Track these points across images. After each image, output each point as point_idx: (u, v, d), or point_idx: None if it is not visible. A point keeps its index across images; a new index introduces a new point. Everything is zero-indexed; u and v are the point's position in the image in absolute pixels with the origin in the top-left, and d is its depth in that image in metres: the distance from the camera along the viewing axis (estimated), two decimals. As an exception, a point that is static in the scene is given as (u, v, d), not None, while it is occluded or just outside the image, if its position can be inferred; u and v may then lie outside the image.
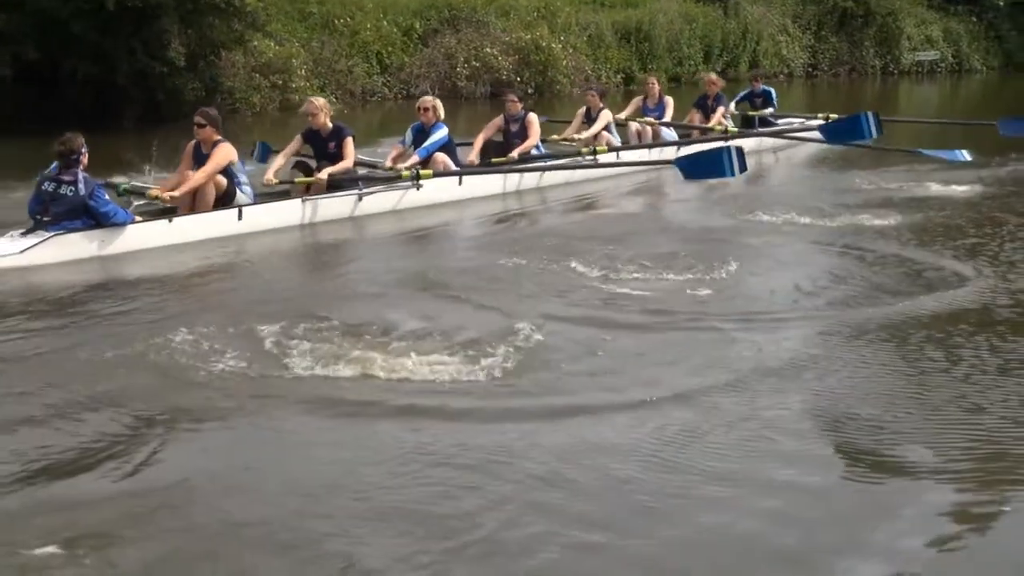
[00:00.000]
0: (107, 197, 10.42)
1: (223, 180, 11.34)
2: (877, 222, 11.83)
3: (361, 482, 5.30)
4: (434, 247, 11.55)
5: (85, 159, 10.29)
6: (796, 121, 19.80)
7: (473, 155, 14.35)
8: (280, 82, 26.59)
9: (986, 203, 13.30)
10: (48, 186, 10.24)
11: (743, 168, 11.35)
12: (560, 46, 32.83)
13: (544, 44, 32.13)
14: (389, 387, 6.47)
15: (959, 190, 13.97)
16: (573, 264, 9.58)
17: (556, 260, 9.76)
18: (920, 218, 12.12)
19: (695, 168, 11.84)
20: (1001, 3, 50.98)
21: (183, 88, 22.75)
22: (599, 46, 35.29)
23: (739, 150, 11.32)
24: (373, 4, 30.50)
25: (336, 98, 27.88)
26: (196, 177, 11.19)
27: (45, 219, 10.15)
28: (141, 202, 11.21)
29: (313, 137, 12.69)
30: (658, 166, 14.44)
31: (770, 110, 19.78)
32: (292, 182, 12.33)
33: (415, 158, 13.07)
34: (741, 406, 6.27)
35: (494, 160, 14.22)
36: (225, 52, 24.72)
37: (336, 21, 29.37)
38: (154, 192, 11.17)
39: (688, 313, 8.15)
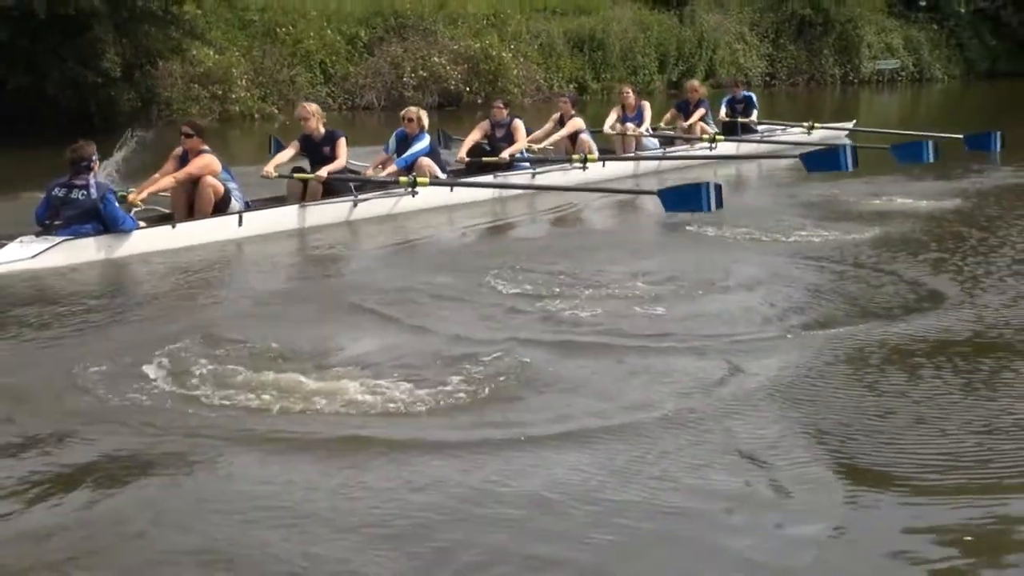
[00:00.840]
0: (117, 203, 11.09)
1: (220, 187, 12.01)
2: (840, 237, 11.96)
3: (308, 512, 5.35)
4: (417, 259, 11.85)
5: (96, 166, 11.11)
6: (779, 128, 20.66)
7: (462, 153, 15.50)
8: (220, 92, 26.61)
9: (949, 216, 13.50)
10: (59, 192, 10.94)
11: (719, 204, 12.22)
12: (510, 55, 33.01)
13: (494, 53, 32.31)
14: (326, 417, 6.41)
15: (924, 205, 14.18)
16: (538, 282, 9.67)
17: (520, 277, 9.87)
18: (885, 233, 12.25)
19: (676, 200, 12.55)
20: (962, 11, 51.65)
21: (118, 99, 22.74)
22: (551, 55, 35.46)
23: (718, 187, 12.26)
24: (316, 12, 30.55)
25: (278, 109, 27.91)
26: (163, 182, 11.92)
27: (56, 223, 10.81)
28: (139, 208, 11.78)
29: (307, 143, 13.46)
30: (640, 194, 14.88)
31: (753, 116, 20.43)
32: (291, 176, 13.21)
33: (393, 167, 13.84)
34: (703, 432, 6.32)
35: (484, 160, 15.27)
36: (162, 61, 24.71)
37: (278, 29, 29.42)
38: (131, 196, 11.67)
39: (649, 335, 8.20)
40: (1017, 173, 17.45)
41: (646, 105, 18.28)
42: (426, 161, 13.90)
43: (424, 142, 14.06)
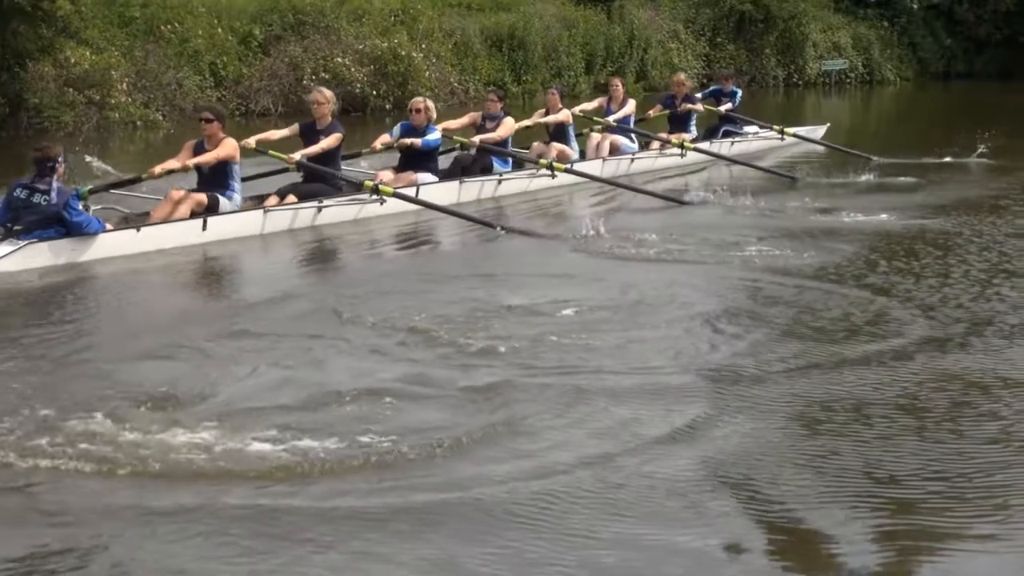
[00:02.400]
0: (80, 207, 11.79)
1: (205, 199, 13.10)
2: (787, 255, 12.13)
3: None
4: (349, 278, 12.34)
5: (61, 169, 11.72)
6: (752, 129, 22.37)
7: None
8: (97, 97, 26.35)
9: (905, 233, 13.68)
10: (21, 193, 11.58)
11: None
12: (422, 55, 33.01)
13: (403, 53, 32.30)
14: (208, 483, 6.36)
15: (875, 220, 14.37)
16: (455, 311, 9.75)
17: (441, 302, 10.04)
18: (833, 250, 12.43)
19: None
20: (915, 6, 52.37)
21: (-18, 104, 22.46)
22: (466, 55, 35.52)
23: None
24: (205, 8, 30.36)
25: (163, 116, 27.72)
26: (204, 158, 13.23)
27: (16, 227, 11.47)
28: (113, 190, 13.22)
29: (307, 130, 14.74)
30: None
31: (729, 105, 22.16)
32: (267, 152, 14.27)
33: (417, 141, 15.36)
34: (632, 472, 6.37)
35: (456, 138, 16.59)
36: (32, 63, 24.43)
37: (162, 27, 29.20)
38: (156, 170, 13.05)
39: (576, 370, 8.24)
40: (972, 185, 17.77)
41: (631, 103, 19.68)
42: (408, 176, 15.34)
43: (437, 134, 15.68)
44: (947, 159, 20.39)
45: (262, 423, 6.91)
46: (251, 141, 14.16)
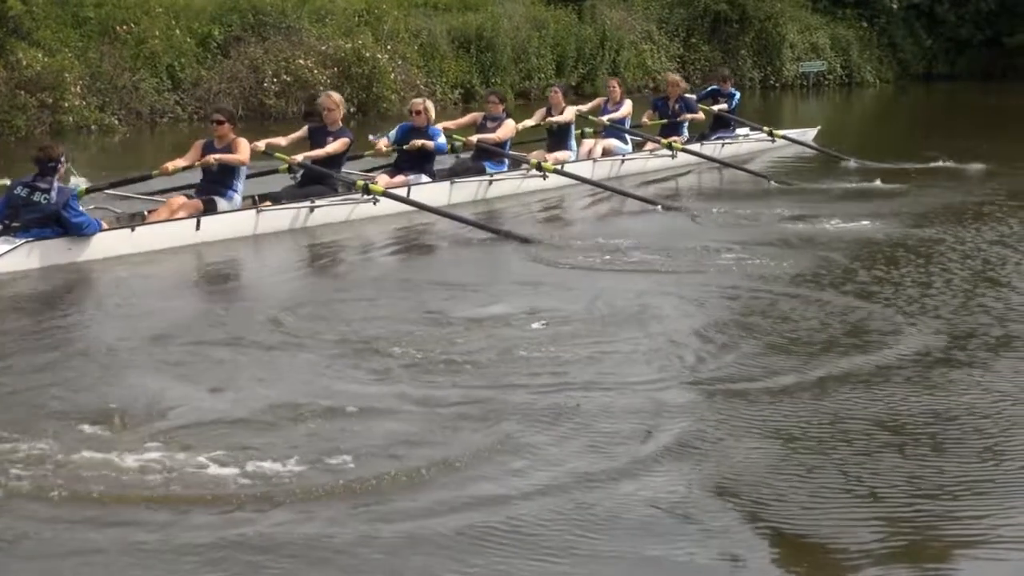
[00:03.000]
0: (80, 208, 12.34)
1: (202, 207, 13.66)
2: (765, 264, 12.21)
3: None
4: (327, 281, 12.64)
5: (62, 169, 12.28)
6: (743, 131, 22.80)
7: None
8: (50, 100, 26.25)
9: (879, 240, 13.76)
10: (21, 191, 12.11)
11: None
12: (387, 56, 32.94)
13: (368, 54, 32.21)
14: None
15: (855, 227, 14.45)
16: (420, 323, 9.83)
17: (406, 315, 10.13)
18: (812, 258, 12.54)
19: None
20: (895, 6, 52.57)
21: (-71, 109, 22.38)
22: (433, 56, 35.48)
23: None
24: (162, 8, 30.26)
25: (119, 120, 27.65)
26: (225, 157, 13.88)
27: (14, 224, 11.99)
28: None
29: (316, 133, 15.34)
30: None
31: (724, 105, 22.57)
32: (272, 155, 14.84)
33: (429, 144, 16.07)
34: (615, 492, 6.44)
35: (455, 136, 17.22)
36: (-19, 65, 24.35)
37: (117, 28, 29.07)
38: (168, 167, 13.80)
39: (547, 385, 8.28)
40: (955, 191, 17.89)
41: (627, 104, 20.26)
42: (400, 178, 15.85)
43: (443, 138, 16.33)
44: (931, 164, 20.53)
45: (221, 443, 6.89)
46: (260, 144, 14.70)
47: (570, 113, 18.98)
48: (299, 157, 14.84)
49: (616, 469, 6.71)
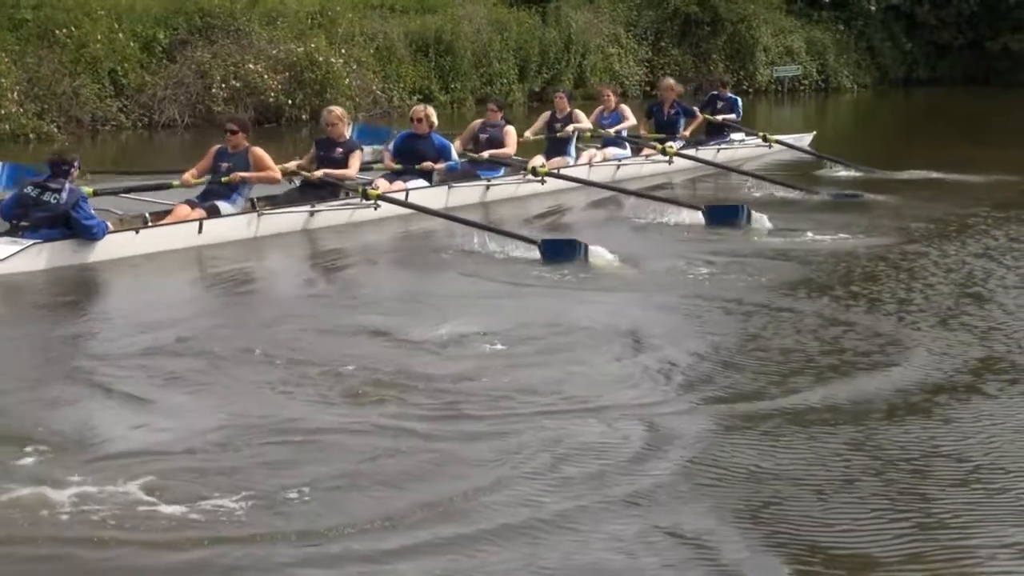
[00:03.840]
0: (91, 210, 12.94)
1: (204, 213, 14.25)
2: (744, 279, 12.24)
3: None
4: (330, 284, 13.28)
5: (75, 173, 13.03)
6: (738, 136, 23.38)
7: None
8: (-15, 108, 26.11)
9: (858, 254, 13.78)
10: (32, 191, 12.82)
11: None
12: (341, 61, 32.84)
13: (321, 59, 32.10)
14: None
15: (830, 240, 14.47)
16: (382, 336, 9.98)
17: (366, 329, 10.26)
18: (789, 273, 12.56)
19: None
20: (873, 8, 52.83)
21: None
22: (389, 61, 35.37)
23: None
24: (104, 10, 30.08)
25: (58, 127, 27.49)
26: (262, 176, 14.86)
27: (23, 223, 12.68)
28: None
29: (324, 144, 15.92)
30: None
31: (732, 116, 23.42)
32: (296, 172, 15.65)
33: (441, 165, 16.84)
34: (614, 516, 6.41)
35: (469, 154, 17.81)
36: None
37: (57, 31, 28.92)
38: (189, 179, 14.69)
39: (508, 410, 8.26)
40: (936, 201, 17.94)
41: (626, 112, 21.07)
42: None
43: (454, 154, 17.04)
44: (910, 173, 20.64)
45: (167, 475, 6.80)
46: (290, 166, 15.59)
47: (586, 121, 19.88)
48: (319, 173, 15.53)
49: (574, 498, 6.71)
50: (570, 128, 19.41)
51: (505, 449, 7.44)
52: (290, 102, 31.40)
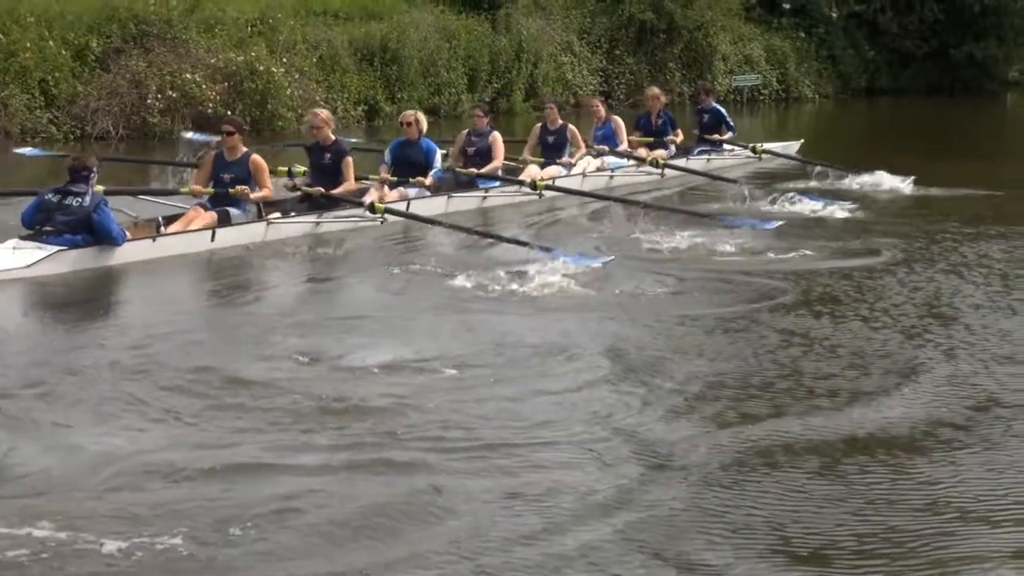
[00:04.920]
0: (112, 214, 13.77)
1: (217, 218, 15.08)
2: (698, 298, 12.37)
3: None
4: (322, 294, 13.81)
5: (95, 179, 13.86)
6: (727, 146, 24.15)
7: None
8: (-92, 119, 25.99)
9: (821, 271, 13.91)
10: (53, 196, 13.61)
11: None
12: (283, 70, 32.79)
13: (262, 68, 32.04)
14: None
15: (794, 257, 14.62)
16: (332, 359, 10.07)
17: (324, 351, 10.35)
18: (755, 287, 12.72)
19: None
20: (834, 15, 53.11)
21: None
22: (333, 70, 35.29)
23: None
24: (34, 17, 29.94)
25: (-15, 140, 27.36)
26: (259, 195, 15.55)
27: (47, 228, 13.45)
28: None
29: (313, 149, 16.83)
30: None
31: (731, 135, 24.24)
32: (301, 189, 16.51)
33: (431, 180, 17.63)
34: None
35: (457, 170, 18.74)
36: None
37: (-16, 39, 28.82)
38: (198, 189, 15.47)
39: (467, 438, 8.34)
40: (900, 215, 18.11)
41: (618, 123, 21.95)
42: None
43: (438, 160, 17.78)
44: (873, 185, 20.91)
45: (112, 512, 6.82)
46: (288, 183, 16.60)
47: (580, 142, 20.79)
48: (320, 188, 16.32)
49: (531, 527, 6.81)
50: (571, 159, 20.42)
51: (458, 472, 7.56)
52: (229, 113, 31.28)
